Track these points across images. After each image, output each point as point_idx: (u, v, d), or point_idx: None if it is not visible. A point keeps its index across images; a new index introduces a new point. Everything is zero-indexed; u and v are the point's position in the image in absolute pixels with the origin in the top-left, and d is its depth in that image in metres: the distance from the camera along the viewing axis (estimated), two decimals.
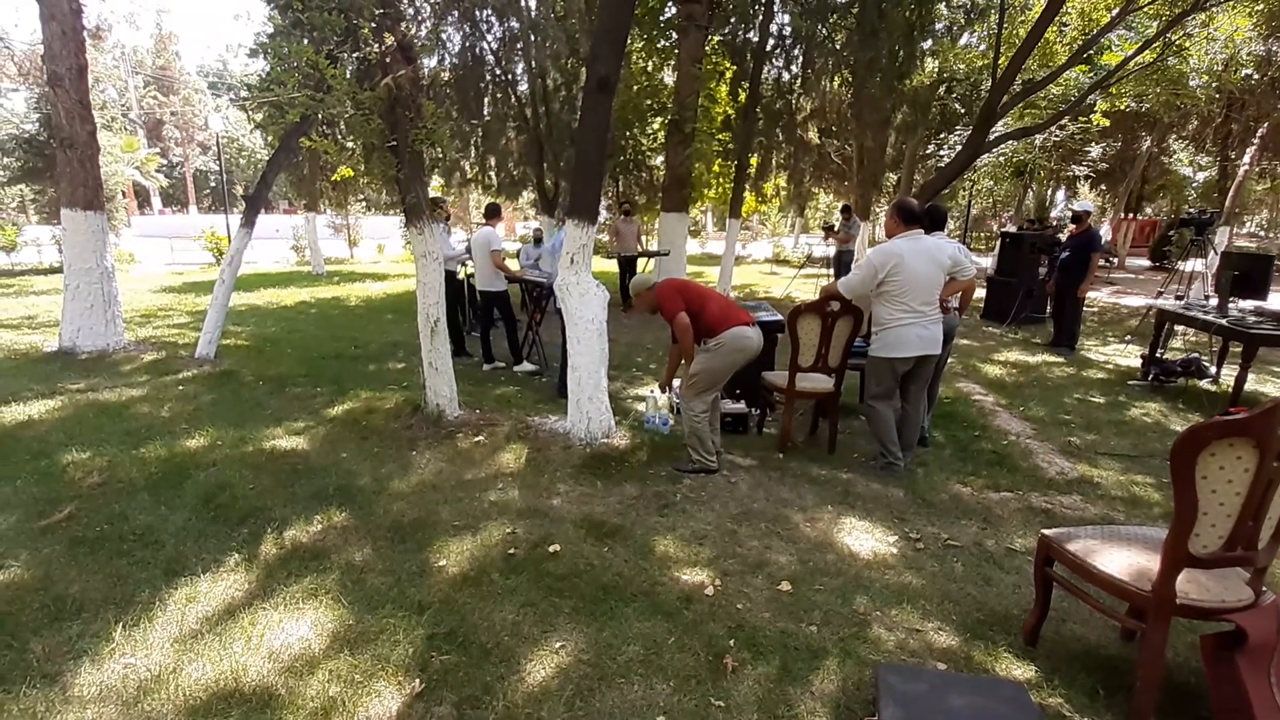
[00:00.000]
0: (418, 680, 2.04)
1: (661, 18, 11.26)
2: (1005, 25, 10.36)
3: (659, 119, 13.19)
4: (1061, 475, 3.93)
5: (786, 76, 12.22)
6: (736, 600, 2.49)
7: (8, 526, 3.02)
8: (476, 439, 4.22)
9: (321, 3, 3.61)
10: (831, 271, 11.39)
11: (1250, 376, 5.41)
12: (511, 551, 2.84)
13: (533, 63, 11.35)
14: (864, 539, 3.03)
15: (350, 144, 5.54)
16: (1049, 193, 21.92)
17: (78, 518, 3.11)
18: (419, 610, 2.41)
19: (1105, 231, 19.45)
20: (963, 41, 14.28)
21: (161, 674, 2.08)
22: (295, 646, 2.21)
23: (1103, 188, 24.13)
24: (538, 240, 10.00)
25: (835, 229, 11.23)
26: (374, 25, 3.52)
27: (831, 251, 11.87)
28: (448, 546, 2.89)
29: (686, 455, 3.73)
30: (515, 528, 3.06)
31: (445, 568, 2.72)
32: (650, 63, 12.69)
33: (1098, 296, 9.89)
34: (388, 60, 3.61)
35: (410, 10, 3.83)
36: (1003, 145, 13.08)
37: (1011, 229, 12.77)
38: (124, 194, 24.09)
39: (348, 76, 3.78)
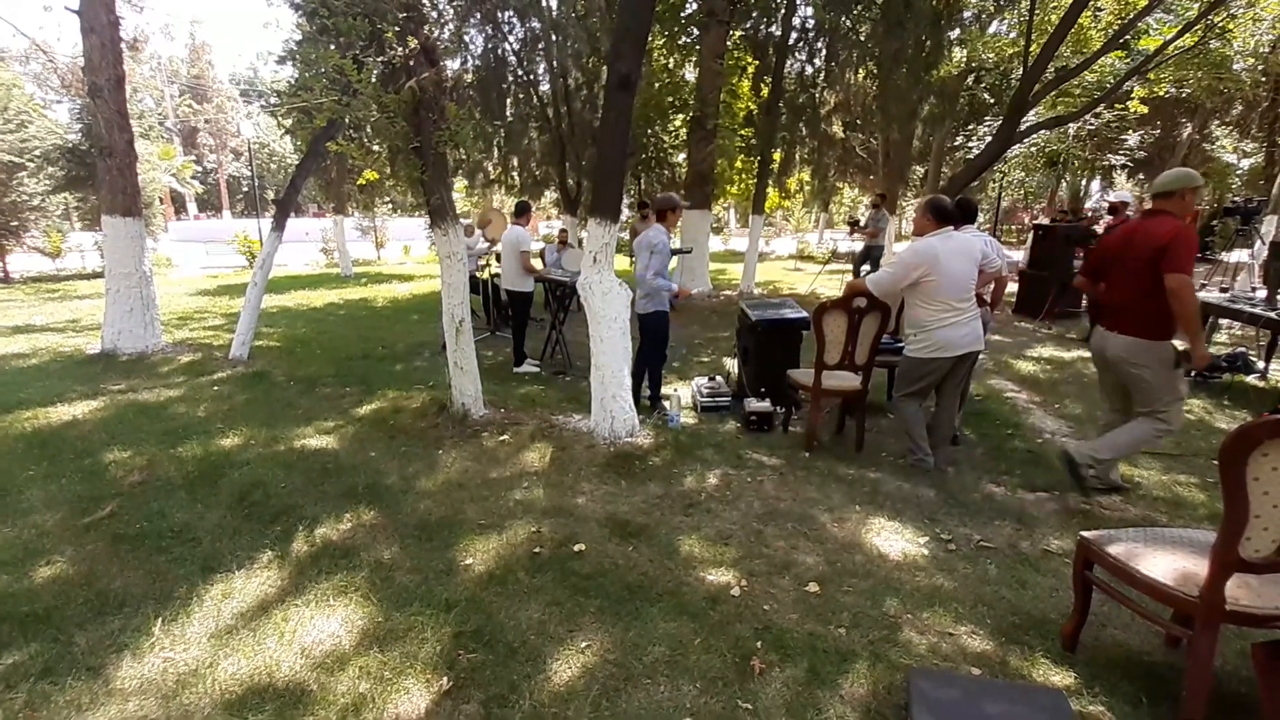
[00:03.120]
0: (446, 678, 2.06)
1: (682, 14, 11.21)
2: (1037, 11, 10.08)
3: (680, 116, 13.16)
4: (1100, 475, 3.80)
5: (810, 70, 12.07)
6: (763, 601, 2.46)
7: (54, 523, 3.12)
8: (501, 438, 4.25)
9: (347, 8, 3.66)
10: (854, 267, 11.23)
11: None
12: (537, 550, 2.85)
13: (554, 63, 11.40)
14: (893, 540, 2.97)
15: (375, 147, 5.63)
16: (1084, 183, 21.30)
17: (119, 515, 3.20)
18: (446, 608, 2.43)
19: None
20: (991, 29, 13.94)
21: (199, 668, 2.13)
22: (326, 643, 2.25)
23: (1141, 177, 23.36)
24: (562, 241, 10.03)
25: (861, 224, 11.05)
26: (398, 29, 3.56)
27: (858, 247, 11.70)
28: (474, 545, 2.91)
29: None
30: (540, 526, 3.07)
31: (472, 566, 2.74)
32: (671, 59, 12.65)
33: None
34: (412, 63, 3.65)
35: (433, 14, 3.85)
36: (1035, 135, 12.76)
37: (1044, 221, 12.43)
38: (161, 200, 24.79)
39: (373, 80, 3.83)
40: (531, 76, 12.41)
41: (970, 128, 15.85)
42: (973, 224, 3.92)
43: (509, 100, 12.48)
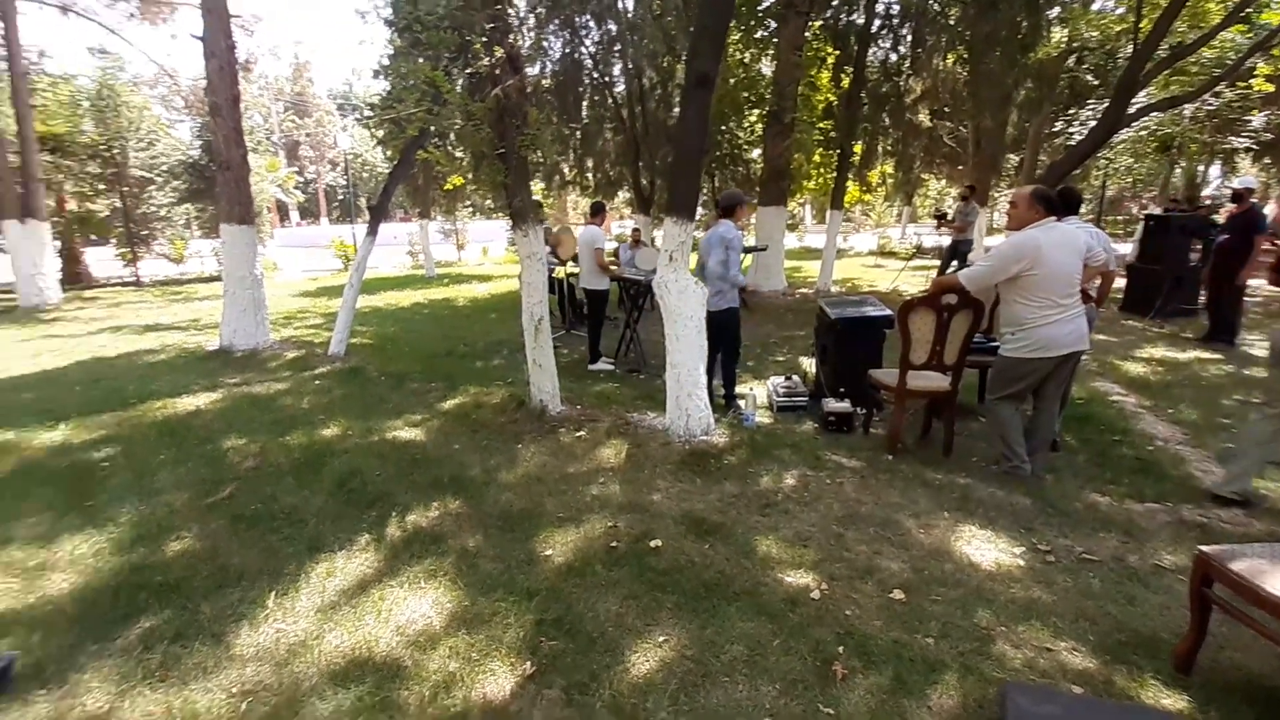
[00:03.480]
0: (529, 663, 2.14)
1: (760, 7, 11.03)
2: None
3: (756, 111, 12.95)
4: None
5: (894, 57, 11.61)
6: (845, 606, 2.40)
7: (182, 503, 3.46)
8: (578, 434, 4.34)
9: (437, 22, 3.85)
10: (940, 263, 10.70)
11: None
12: (614, 545, 2.90)
13: (629, 63, 11.50)
14: (985, 549, 2.82)
15: (459, 154, 5.88)
16: (1201, 169, 19.34)
17: (237, 497, 3.51)
18: (528, 596, 2.51)
19: (1271, 210, 16.87)
20: (1096, 5, 12.90)
21: (307, 639, 2.31)
22: (419, 622, 2.38)
23: (1267, 161, 20.95)
24: (635, 240, 10.11)
25: (949, 217, 10.51)
26: (485, 40, 3.71)
27: (945, 242, 11.14)
28: (553, 537, 3.00)
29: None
30: (617, 521, 3.12)
31: (551, 557, 2.82)
32: (748, 54, 12.47)
33: (1260, 284, 8.59)
34: (497, 72, 3.79)
35: (518, 23, 3.98)
36: (1146, 118, 11.71)
37: (1156, 210, 11.39)
38: (269, 209, 26.93)
39: (459, 90, 4.01)
40: (607, 78, 12.59)
41: (1071, 112, 14.74)
42: (1075, 215, 3.65)
43: (584, 102, 12.70)
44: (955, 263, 10.23)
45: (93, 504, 3.45)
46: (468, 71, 3.79)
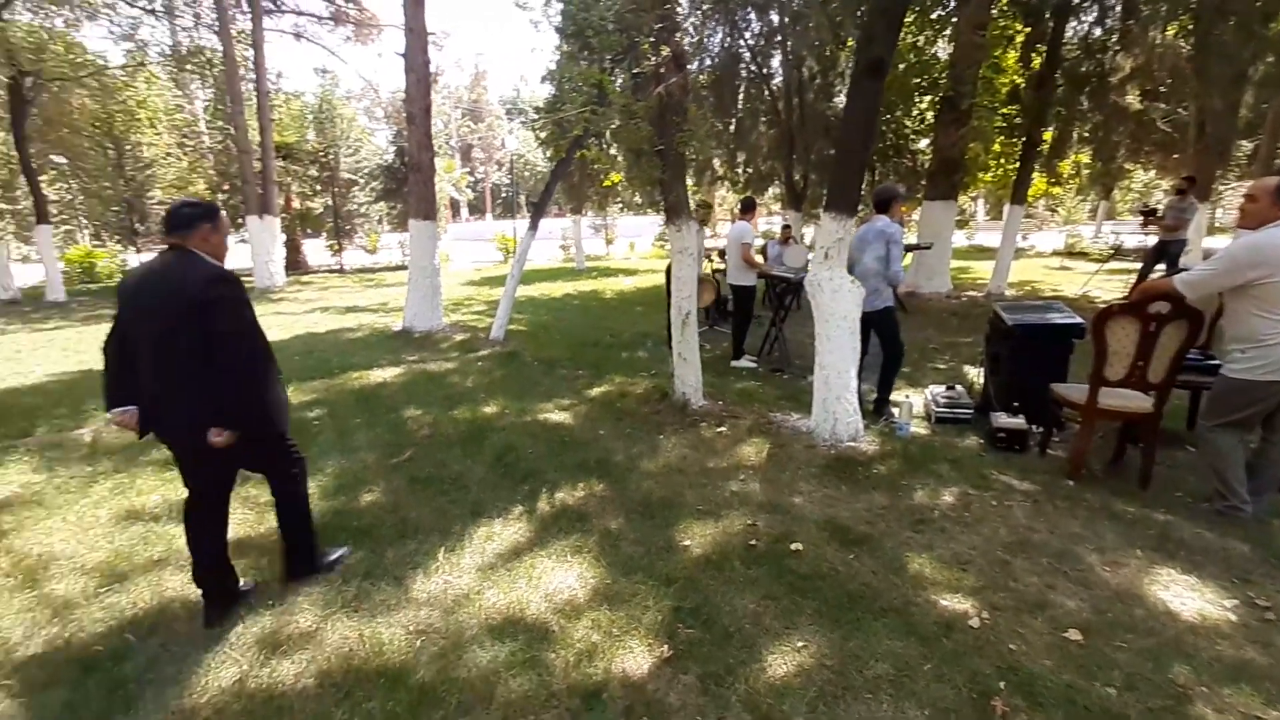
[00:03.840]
0: (666, 646, 2.19)
1: None
2: None
3: (928, 98, 12.02)
4: None
5: (1099, 32, 10.16)
6: (1008, 639, 2.18)
7: (372, 461, 3.97)
8: (719, 429, 4.35)
9: (606, 25, 4.03)
10: (1143, 266, 9.21)
11: None
12: (753, 543, 2.88)
13: (789, 54, 11.20)
14: (1187, 597, 2.41)
15: (613, 150, 6.09)
16: None
17: (414, 460, 3.96)
18: (666, 583, 2.58)
19: None
20: None
21: (469, 593, 2.55)
22: (564, 593, 2.54)
23: None
24: (786, 237, 9.85)
25: (1158, 213, 9.02)
26: (652, 39, 3.81)
27: (1149, 241, 9.60)
28: (692, 528, 3.04)
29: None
30: (756, 520, 3.09)
31: (690, 548, 2.86)
32: (922, 36, 11.58)
33: None
34: (661, 70, 3.88)
35: (685, 21, 4.04)
36: None
37: None
38: (445, 207, 29.89)
39: (619, 89, 4.16)
40: (765, 70, 12.36)
41: None
42: None
43: (739, 95, 12.57)
44: (1163, 266, 8.76)
45: (306, 454, 4.06)
46: (633, 72, 3.91)
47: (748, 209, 6.55)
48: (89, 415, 4.93)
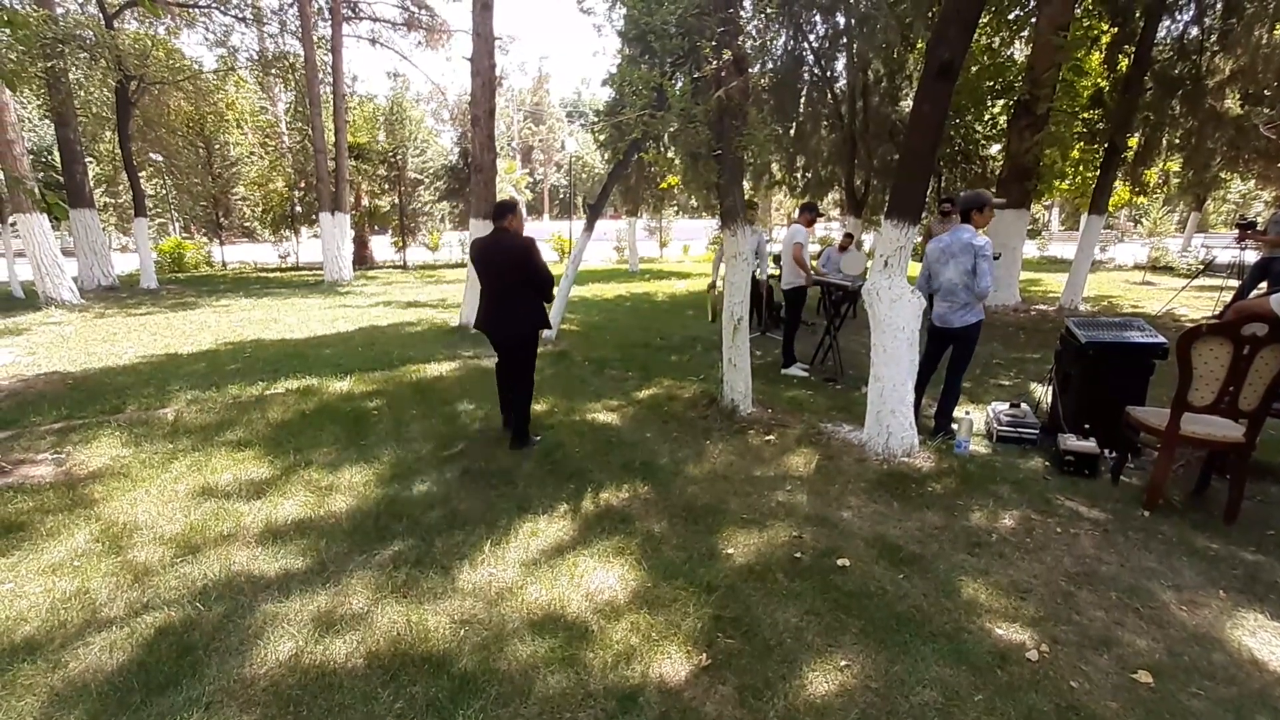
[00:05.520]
0: (705, 655, 2.17)
1: None
2: None
3: (1000, 101, 11.52)
4: None
5: (1195, 32, 9.50)
6: (1069, 676, 2.06)
7: (426, 452, 4.10)
8: (767, 437, 4.28)
9: (669, 29, 4.03)
10: (1241, 285, 8.54)
11: None
12: (797, 555, 2.82)
13: (854, 57, 10.94)
14: (1277, 646, 2.22)
15: (670, 154, 6.08)
16: None
17: (466, 453, 4.06)
18: (708, 590, 2.55)
19: None
20: None
21: (512, 586, 2.60)
22: (605, 593, 2.55)
23: None
24: (844, 246, 9.62)
25: (1258, 226, 8.35)
26: (714, 43, 3.80)
27: (1248, 257, 8.90)
28: (735, 536, 3.00)
29: None
30: (802, 532, 3.03)
31: (732, 556, 2.83)
32: (997, 38, 11.11)
33: None
34: (723, 74, 3.86)
35: (748, 25, 4.01)
36: None
37: None
38: None
39: (679, 93, 4.15)
40: (829, 74, 12.11)
41: None
42: None
43: (801, 99, 12.36)
44: (1264, 285, 8.10)
45: (365, 443, 4.24)
46: (694, 76, 3.90)
47: (806, 212, 6.44)
48: (173, 396, 5.28)
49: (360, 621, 2.39)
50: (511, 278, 3.95)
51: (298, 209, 20.57)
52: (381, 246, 23.24)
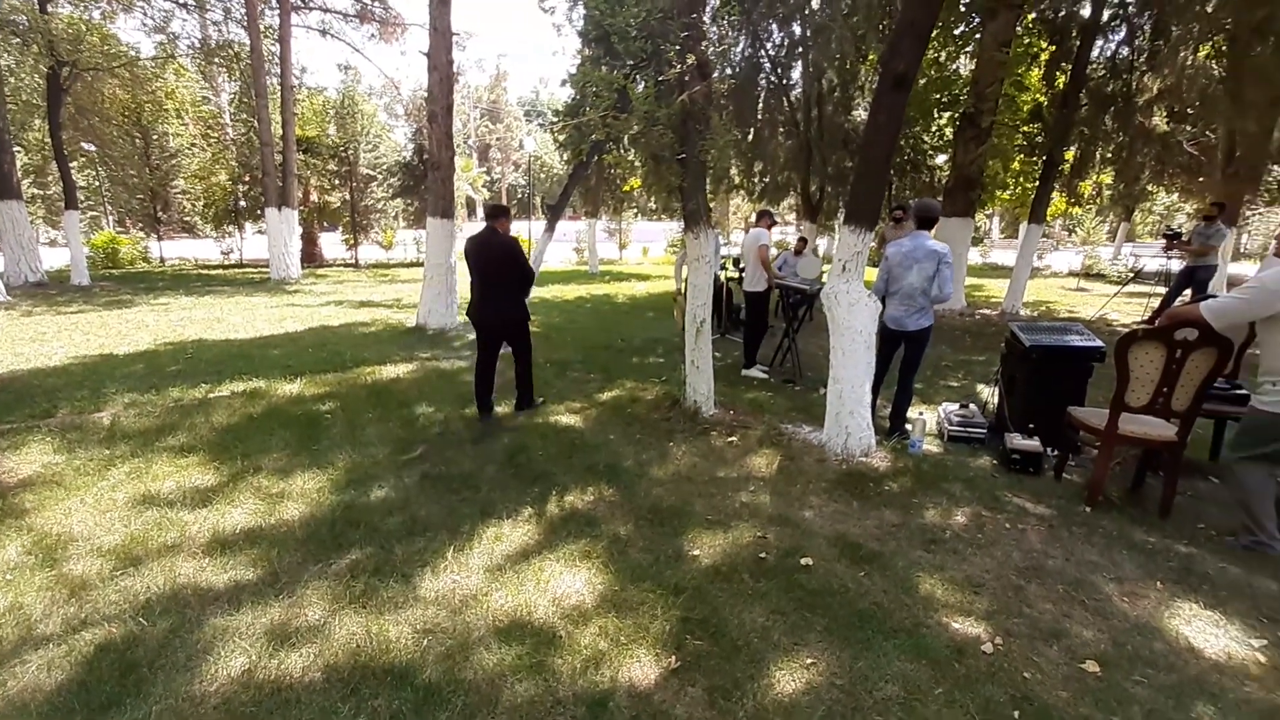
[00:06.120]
0: (674, 657, 2.17)
1: (963, 1, 10.15)
2: None
3: (947, 113, 11.97)
4: None
5: (1126, 52, 10.08)
6: (1023, 667, 2.15)
7: (383, 456, 3.99)
8: (729, 439, 4.33)
9: (632, 31, 4.03)
10: (1169, 291, 9.11)
11: None
12: (762, 555, 2.85)
13: (810, 66, 11.19)
14: (1211, 634, 2.36)
15: (632, 157, 6.08)
16: None
17: (426, 457, 3.97)
18: (675, 592, 2.56)
19: None
20: None
21: (477, 594, 2.55)
22: (572, 598, 2.53)
23: None
24: (798, 250, 9.82)
25: (1183, 237, 8.91)
26: (678, 47, 3.81)
27: (1172, 265, 9.48)
28: (701, 538, 3.02)
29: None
30: (766, 533, 3.07)
31: (699, 558, 2.84)
32: (944, 52, 11.54)
33: None
34: (686, 78, 3.88)
35: (710, 29, 4.04)
36: None
37: None
38: (461, 206, 30.08)
39: (641, 95, 4.16)
40: (785, 81, 12.35)
41: None
42: None
43: (759, 105, 12.57)
44: (1189, 291, 8.66)
45: (318, 447, 4.09)
46: (659, 79, 3.91)
47: (765, 217, 6.54)
48: (109, 398, 4.99)
49: (317, 633, 2.30)
50: (503, 272, 4.51)
51: (242, 204, 19.69)
52: (332, 244, 22.49)
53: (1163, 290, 9.64)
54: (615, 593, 2.56)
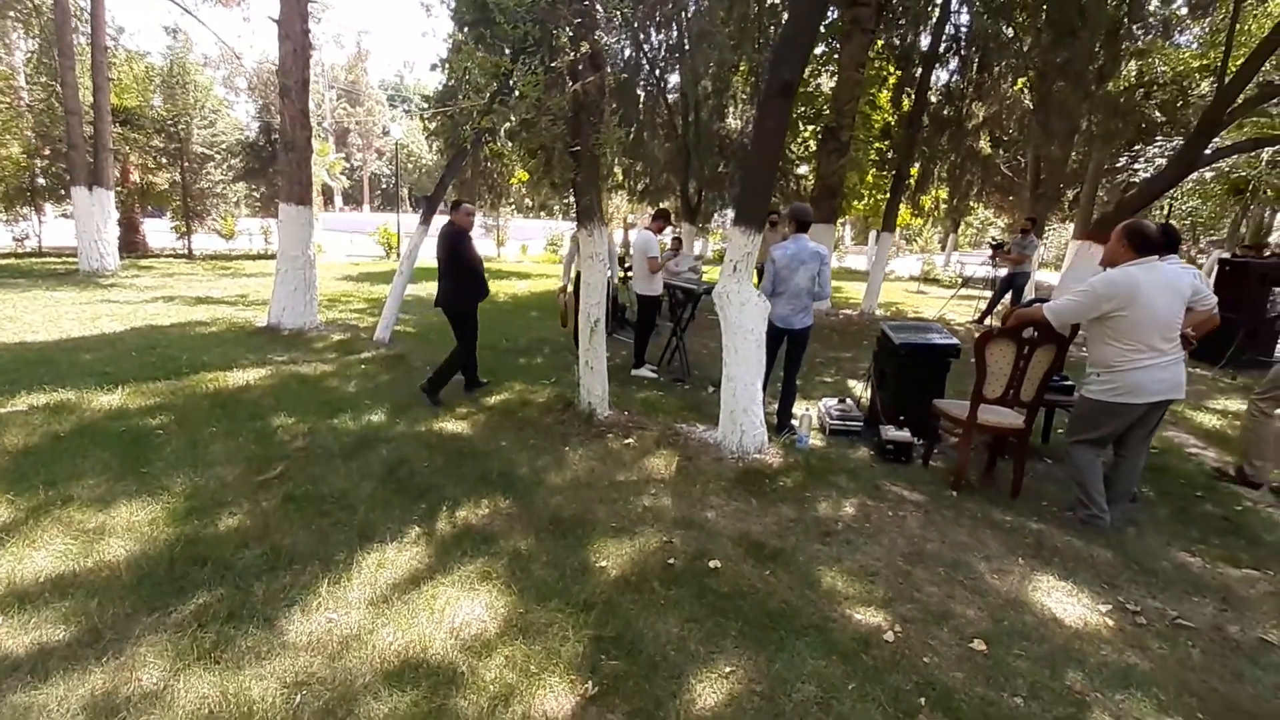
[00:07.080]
0: (590, 683, 2.03)
1: (824, 23, 10.88)
2: (1239, 20, 8.88)
3: (810, 127, 12.80)
4: None
5: (957, 81, 11.35)
6: (922, 652, 2.26)
7: (234, 477, 3.45)
8: (626, 441, 4.25)
9: (519, 14, 3.81)
10: (994, 295, 10.40)
11: None
12: (670, 561, 2.79)
13: (688, 71, 11.45)
14: (1067, 603, 2.64)
15: (512, 150, 5.82)
16: (1268, 215, 18.57)
17: (287, 476, 3.49)
18: (585, 609, 2.42)
19: None
20: (1175, 40, 12.46)
21: (359, 633, 2.24)
22: (473, 626, 2.30)
23: None
24: (675, 248, 10.01)
25: (1004, 247, 10.21)
26: (570, 35, 3.65)
27: (995, 272, 10.83)
28: (606, 547, 2.90)
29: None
30: (672, 537, 3.01)
31: (606, 569, 2.72)
32: (808, 69, 12.33)
33: None
34: (580, 68, 3.74)
35: (604, 20, 3.92)
36: (1223, 159, 11.27)
37: (1225, 254, 10.92)
38: (317, 194, 27.53)
39: (530, 82, 3.96)
40: (663, 84, 12.55)
41: (1136, 148, 14.24)
42: (1175, 254, 3.45)
43: (639, 106, 12.68)
44: (1009, 295, 9.93)
45: (148, 470, 3.46)
46: (550, 65, 3.73)
47: (657, 218, 6.54)
48: None
49: (155, 701, 1.89)
50: (443, 262, 4.92)
51: (40, 181, 16.50)
52: (159, 232, 19.53)
53: (989, 294, 10.98)
54: (520, 616, 2.37)
